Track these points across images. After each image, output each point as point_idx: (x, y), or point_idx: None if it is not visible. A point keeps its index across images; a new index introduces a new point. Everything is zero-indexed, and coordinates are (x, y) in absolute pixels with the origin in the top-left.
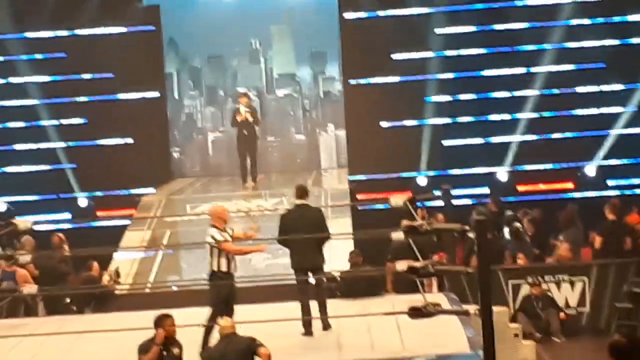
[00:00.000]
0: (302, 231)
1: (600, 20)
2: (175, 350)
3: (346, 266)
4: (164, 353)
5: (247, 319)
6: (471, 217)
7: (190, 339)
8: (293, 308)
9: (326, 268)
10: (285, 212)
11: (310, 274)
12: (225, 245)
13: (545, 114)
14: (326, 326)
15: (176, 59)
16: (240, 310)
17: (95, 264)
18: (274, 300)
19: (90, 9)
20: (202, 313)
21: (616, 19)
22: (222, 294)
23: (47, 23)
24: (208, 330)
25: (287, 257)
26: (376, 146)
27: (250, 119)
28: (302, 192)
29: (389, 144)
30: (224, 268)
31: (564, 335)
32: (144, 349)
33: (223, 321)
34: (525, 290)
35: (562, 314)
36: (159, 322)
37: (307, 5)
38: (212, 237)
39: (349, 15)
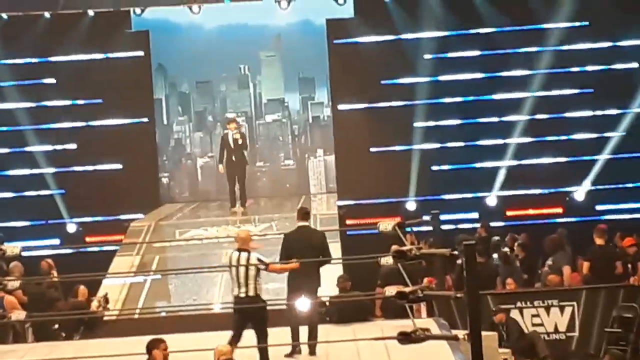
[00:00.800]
0: (304, 253)
1: (589, 46)
2: None
3: (335, 291)
4: None
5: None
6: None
7: None
8: (285, 333)
9: (318, 293)
10: (289, 232)
11: (304, 297)
12: (273, 267)
13: (534, 139)
14: (312, 352)
15: (165, 84)
16: (228, 336)
17: (82, 288)
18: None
19: (80, 35)
20: (192, 339)
21: (604, 44)
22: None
23: (36, 49)
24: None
25: (276, 282)
26: (365, 171)
27: (240, 142)
28: (304, 215)
29: (378, 169)
30: (259, 291)
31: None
32: None
33: (222, 346)
34: (513, 315)
35: None
36: (152, 346)
37: (295, 30)
38: (260, 260)
39: (337, 40)
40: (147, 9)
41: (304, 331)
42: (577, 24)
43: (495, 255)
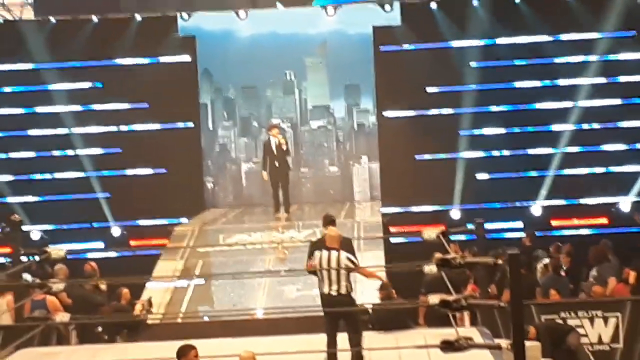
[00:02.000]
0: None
1: (636, 56)
2: None
3: (377, 299)
4: None
5: (277, 350)
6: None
7: None
8: (323, 340)
9: (358, 300)
10: (315, 240)
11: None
12: (363, 270)
13: (580, 148)
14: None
15: (210, 89)
16: (270, 342)
17: (126, 291)
18: (305, 332)
19: (127, 39)
20: (233, 343)
21: None
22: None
23: (83, 52)
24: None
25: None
26: (409, 179)
27: (284, 148)
28: (329, 222)
29: (423, 176)
30: (350, 289)
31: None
32: None
33: (245, 352)
34: None
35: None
36: (182, 352)
37: (342, 37)
38: (350, 260)
39: (384, 47)
40: (194, 13)
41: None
42: (624, 33)
43: (539, 266)
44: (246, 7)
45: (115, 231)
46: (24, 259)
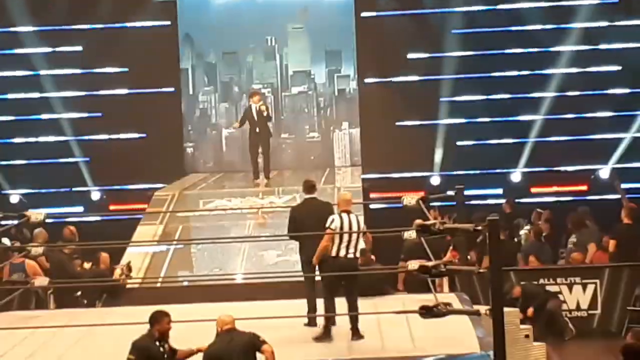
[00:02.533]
0: (311, 224)
1: (618, 23)
2: (168, 347)
3: None
4: (161, 349)
5: (257, 315)
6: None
7: (201, 334)
8: (302, 305)
9: None
10: (295, 206)
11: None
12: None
13: (560, 115)
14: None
15: (191, 54)
16: (250, 307)
17: (105, 255)
18: (285, 297)
19: (106, 3)
20: (213, 308)
21: (632, 22)
22: None
23: (63, 17)
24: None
25: (299, 254)
26: (390, 145)
27: (264, 114)
28: (310, 187)
29: (403, 143)
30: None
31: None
32: (140, 346)
33: (225, 316)
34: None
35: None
36: (155, 318)
37: (323, 3)
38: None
39: (365, 13)
40: None
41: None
42: (606, 0)
43: (523, 233)
44: None
45: (95, 196)
46: (2, 222)
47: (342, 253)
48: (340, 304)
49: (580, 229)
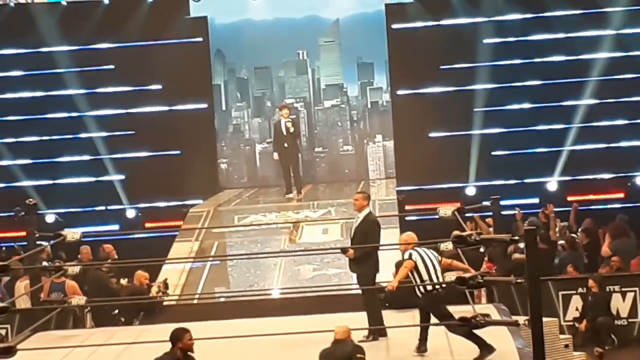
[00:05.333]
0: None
1: None
2: None
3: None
4: None
5: (294, 330)
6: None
7: (237, 350)
8: (339, 319)
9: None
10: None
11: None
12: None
13: (595, 123)
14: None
15: (223, 70)
16: (287, 322)
17: (141, 273)
18: (321, 311)
19: (138, 21)
20: (249, 324)
21: None
22: None
23: (95, 35)
24: None
25: (334, 267)
26: (424, 157)
27: (292, 130)
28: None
29: (437, 154)
30: None
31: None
32: None
33: (337, 327)
34: (575, 300)
35: None
36: (177, 336)
37: (354, 16)
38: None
39: (396, 25)
40: None
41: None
42: (637, 7)
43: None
44: None
45: (130, 213)
46: (40, 242)
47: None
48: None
49: (619, 237)
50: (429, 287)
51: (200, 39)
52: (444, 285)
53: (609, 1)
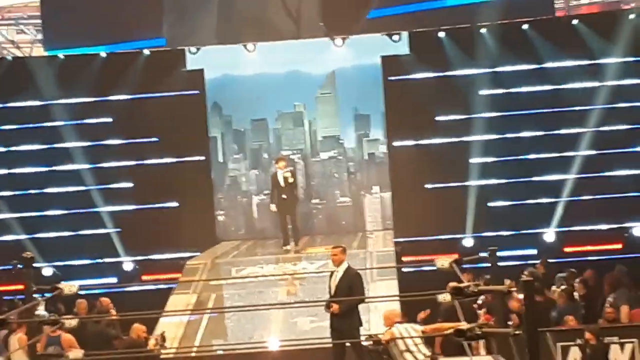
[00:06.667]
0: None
1: None
2: None
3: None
4: None
5: None
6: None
7: None
8: None
9: (373, 331)
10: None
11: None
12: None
13: (591, 174)
14: None
15: (220, 122)
16: None
17: (138, 326)
18: None
19: (135, 74)
20: None
21: None
22: None
23: (92, 88)
24: None
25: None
26: (421, 208)
27: (290, 181)
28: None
29: (434, 205)
30: None
31: None
32: None
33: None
34: (573, 352)
35: None
36: None
37: (350, 68)
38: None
39: (392, 77)
40: (203, 47)
41: None
42: (632, 59)
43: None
44: (254, 40)
45: (127, 266)
46: (36, 295)
47: (420, 357)
48: None
49: (617, 288)
50: None
51: (197, 92)
52: (428, 356)
53: (605, 53)
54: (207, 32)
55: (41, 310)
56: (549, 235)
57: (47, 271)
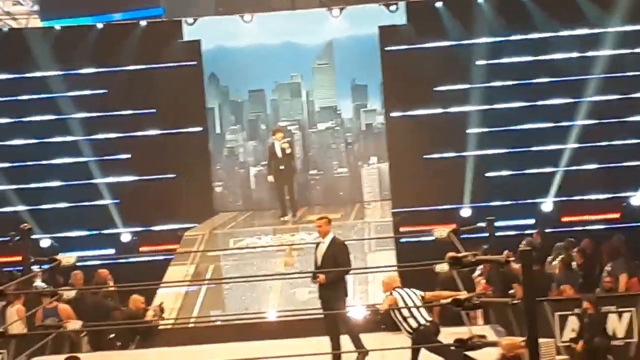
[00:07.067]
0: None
1: None
2: None
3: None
4: None
5: (289, 353)
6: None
7: None
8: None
9: (370, 300)
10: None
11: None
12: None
13: (589, 144)
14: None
15: (217, 93)
16: (283, 345)
17: (137, 297)
18: (317, 334)
19: (132, 45)
20: (245, 347)
21: None
22: None
23: (88, 59)
24: None
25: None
26: (419, 178)
27: (288, 152)
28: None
29: (432, 176)
30: None
31: None
32: None
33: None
34: (571, 321)
35: None
36: None
37: (347, 38)
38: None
39: (390, 47)
40: (199, 18)
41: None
42: (630, 27)
43: (554, 262)
44: (251, 11)
45: (125, 237)
46: (34, 267)
47: (422, 321)
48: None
49: (615, 257)
50: (415, 325)
51: (194, 63)
52: (429, 320)
53: (602, 22)
54: (206, 3)
55: (38, 282)
56: (547, 205)
57: (45, 243)
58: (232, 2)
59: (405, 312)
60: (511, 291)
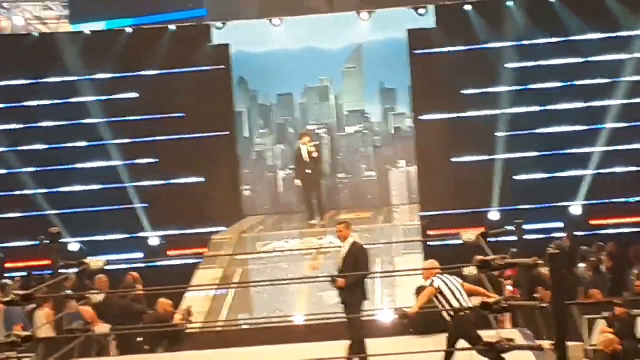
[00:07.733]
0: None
1: None
2: None
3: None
4: None
5: (317, 356)
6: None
7: None
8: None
9: (398, 304)
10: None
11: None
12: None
13: (618, 147)
14: None
15: (246, 97)
16: (311, 348)
17: (165, 301)
18: (343, 338)
19: (161, 49)
20: (273, 351)
21: None
22: None
23: (117, 64)
24: None
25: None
26: (447, 182)
27: (314, 156)
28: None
29: (461, 179)
30: None
31: None
32: None
33: None
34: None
35: None
36: None
37: (376, 42)
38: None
39: (418, 51)
40: (228, 22)
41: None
42: None
43: (581, 265)
44: (281, 15)
45: (154, 241)
46: (64, 271)
47: (465, 305)
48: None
49: None
50: (457, 306)
51: (223, 67)
52: (471, 308)
53: (632, 24)
54: (248, 3)
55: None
56: (576, 208)
57: (74, 246)
58: (271, 3)
59: (448, 294)
60: (536, 295)
